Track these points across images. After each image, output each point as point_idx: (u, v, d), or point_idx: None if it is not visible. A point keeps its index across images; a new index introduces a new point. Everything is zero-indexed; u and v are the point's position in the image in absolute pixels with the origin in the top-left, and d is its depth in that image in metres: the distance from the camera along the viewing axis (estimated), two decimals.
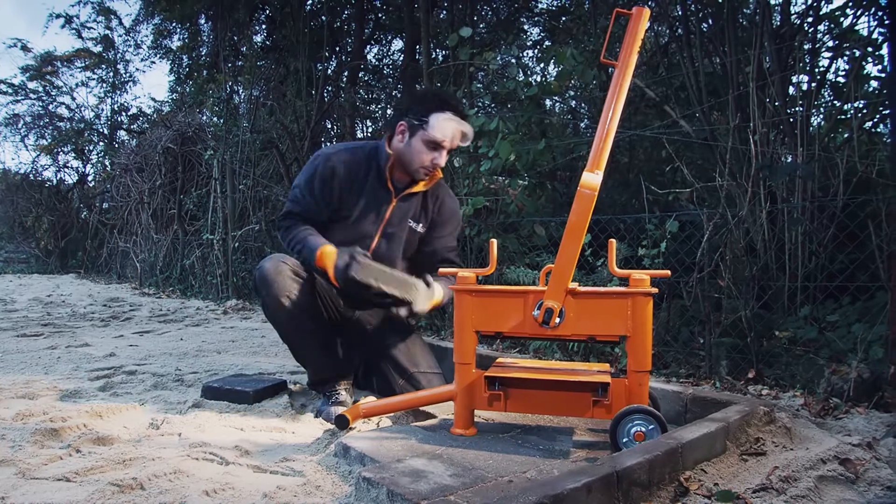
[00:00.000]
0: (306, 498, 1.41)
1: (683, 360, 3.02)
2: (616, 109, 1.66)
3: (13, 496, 1.40)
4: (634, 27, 1.68)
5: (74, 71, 12.21)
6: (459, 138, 2.17)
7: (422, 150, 2.15)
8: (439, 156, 2.17)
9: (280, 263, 2.10)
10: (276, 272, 2.08)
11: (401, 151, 2.19)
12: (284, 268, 2.10)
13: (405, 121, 2.19)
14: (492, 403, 1.70)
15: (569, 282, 1.65)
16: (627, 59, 1.67)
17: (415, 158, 2.17)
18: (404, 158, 2.19)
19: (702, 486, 1.32)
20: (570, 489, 1.08)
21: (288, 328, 2.14)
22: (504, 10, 7.18)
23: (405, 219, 2.28)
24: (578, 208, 1.65)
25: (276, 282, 2.07)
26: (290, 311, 2.07)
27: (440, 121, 2.12)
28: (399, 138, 2.21)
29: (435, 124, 2.12)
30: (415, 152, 2.16)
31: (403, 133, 2.19)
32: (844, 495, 1.34)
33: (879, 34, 3.41)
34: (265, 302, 2.12)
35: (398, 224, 2.26)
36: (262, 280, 2.08)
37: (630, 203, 4.69)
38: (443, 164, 2.21)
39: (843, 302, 2.80)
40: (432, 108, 2.14)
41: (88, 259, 10.53)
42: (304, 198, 2.23)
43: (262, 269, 2.10)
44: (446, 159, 2.22)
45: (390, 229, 2.26)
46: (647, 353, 1.61)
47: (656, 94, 4.21)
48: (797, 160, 3.09)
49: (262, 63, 7.92)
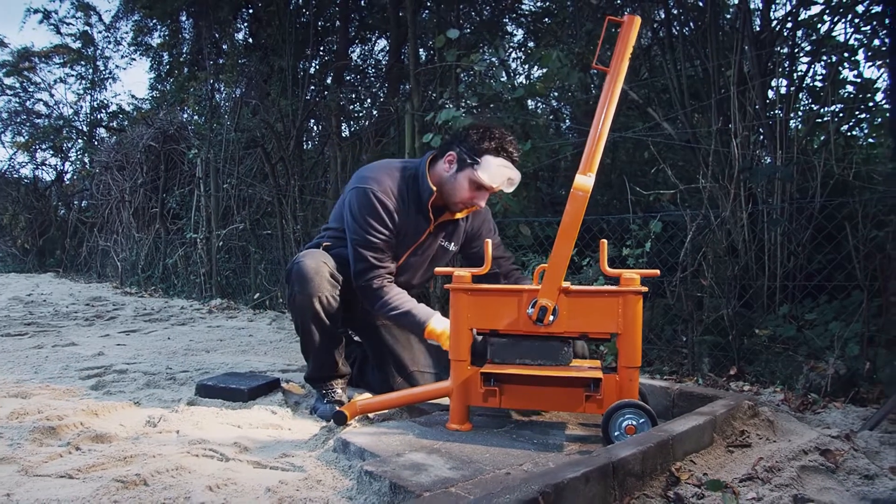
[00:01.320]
0: (308, 492, 1.45)
1: (667, 357, 3.10)
2: (608, 114, 1.71)
3: (18, 493, 1.41)
4: (626, 34, 1.73)
5: (53, 67, 12.07)
6: (506, 185, 2.14)
7: (465, 187, 2.13)
8: (481, 198, 2.15)
9: (321, 264, 2.10)
10: (316, 272, 2.08)
11: (444, 181, 2.17)
12: (324, 269, 2.10)
13: (456, 152, 2.15)
14: (487, 399, 1.75)
15: (562, 281, 1.70)
16: (619, 66, 1.73)
17: (457, 193, 2.15)
18: (445, 188, 2.17)
19: (692, 476, 1.38)
20: (569, 478, 1.13)
21: (309, 325, 2.12)
22: (487, 11, 7.24)
23: (437, 240, 2.30)
24: (571, 210, 1.70)
25: (313, 280, 2.07)
26: (317, 311, 2.09)
27: (493, 166, 2.08)
28: (446, 167, 2.17)
29: (486, 167, 2.08)
30: (458, 187, 2.14)
31: (452, 164, 2.16)
32: (825, 484, 1.41)
33: (855, 40, 3.52)
34: (295, 297, 2.11)
35: (429, 245, 2.29)
36: (300, 276, 2.08)
37: (612, 203, 4.77)
38: (482, 206, 2.19)
39: (821, 301, 2.88)
40: (488, 151, 2.10)
41: (67, 258, 10.40)
42: (385, 240, 2.15)
43: (302, 265, 2.09)
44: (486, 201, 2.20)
45: (420, 249, 2.28)
46: (638, 349, 1.67)
47: (639, 96, 4.29)
48: (776, 163, 3.18)
49: (243, 61, 7.89)
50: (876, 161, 3.30)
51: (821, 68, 3.78)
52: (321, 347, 2.15)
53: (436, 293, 4.28)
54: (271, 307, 5.51)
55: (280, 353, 3.41)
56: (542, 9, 7.02)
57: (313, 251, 2.18)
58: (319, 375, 2.20)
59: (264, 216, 6.43)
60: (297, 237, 5.58)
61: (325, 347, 2.15)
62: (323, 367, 2.18)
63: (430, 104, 4.78)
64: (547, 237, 3.73)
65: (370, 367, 2.50)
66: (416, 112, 4.26)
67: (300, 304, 2.10)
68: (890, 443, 1.66)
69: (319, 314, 2.09)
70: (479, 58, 3.93)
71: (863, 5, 3.51)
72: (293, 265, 2.13)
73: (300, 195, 5.64)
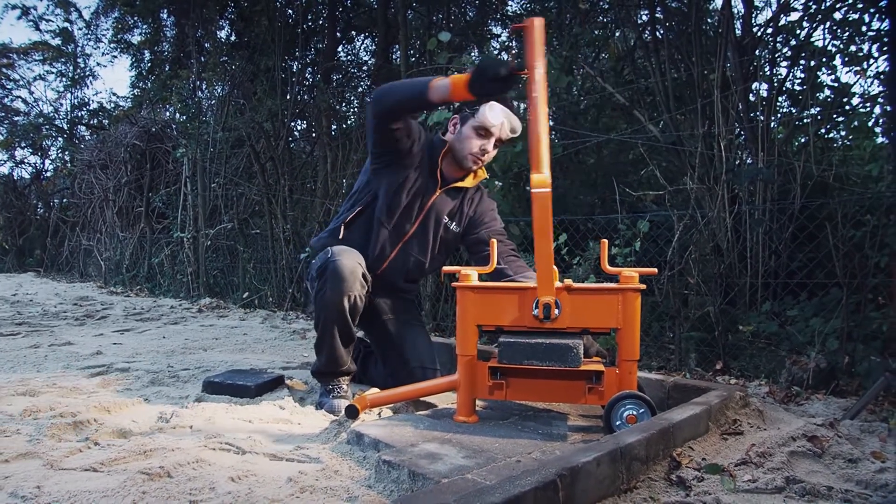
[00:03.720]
0: (328, 481, 1.51)
1: (655, 353, 3.21)
2: (542, 114, 1.79)
3: (47, 486, 1.46)
4: (532, 36, 1.82)
5: (32, 64, 11.93)
6: (508, 129, 2.30)
7: (471, 136, 2.29)
8: (488, 143, 2.30)
9: (357, 264, 2.14)
10: (351, 272, 2.11)
11: (452, 141, 2.34)
12: (359, 270, 2.15)
13: (458, 115, 2.35)
14: (493, 392, 1.83)
15: (553, 275, 1.78)
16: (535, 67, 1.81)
17: (464, 145, 2.30)
18: (455, 147, 2.33)
19: (692, 461, 1.47)
20: (583, 462, 1.21)
21: (332, 322, 2.16)
22: (472, 13, 7.32)
23: (442, 214, 2.39)
24: (539, 209, 1.76)
25: (347, 280, 2.10)
26: (344, 309, 2.13)
27: (489, 107, 2.26)
28: (452, 129, 2.37)
29: (484, 110, 2.26)
30: (465, 139, 2.30)
31: (456, 124, 2.36)
32: (813, 467, 1.52)
33: (833, 46, 3.66)
34: (325, 293, 2.12)
35: (434, 217, 2.38)
36: (334, 273, 2.10)
37: (596, 203, 4.88)
38: (491, 152, 2.33)
39: (802, 298, 3.00)
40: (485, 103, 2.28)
41: (48, 257, 10.29)
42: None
43: (338, 263, 2.12)
44: (494, 151, 2.34)
45: (427, 219, 2.37)
46: (636, 343, 1.76)
47: (623, 97, 4.40)
48: (758, 164, 3.30)
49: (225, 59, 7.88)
50: (853, 163, 3.44)
51: (800, 72, 3.93)
52: (336, 344, 2.19)
53: (427, 291, 4.36)
54: (261, 306, 5.54)
55: (277, 351, 3.46)
56: (528, 10, 7.11)
57: (347, 248, 2.21)
58: (328, 371, 2.24)
59: (252, 215, 6.45)
60: (287, 237, 5.62)
61: (339, 345, 2.20)
62: (333, 363, 2.23)
63: None
64: None
65: (373, 363, 2.56)
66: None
67: (329, 301, 2.12)
68: (870, 430, 1.77)
69: (345, 312, 2.14)
70: (470, 60, 4.01)
71: (840, 12, 3.65)
72: (328, 262, 2.13)
73: (289, 195, 5.68)
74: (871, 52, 3.46)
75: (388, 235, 2.35)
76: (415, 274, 2.46)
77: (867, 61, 3.51)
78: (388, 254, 2.37)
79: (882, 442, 1.68)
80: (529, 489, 1.11)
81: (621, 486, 1.31)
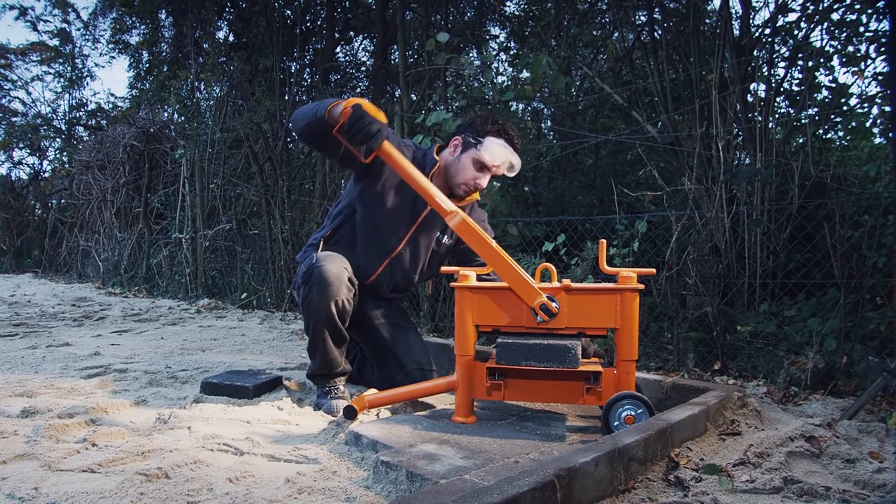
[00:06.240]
0: (326, 482, 1.51)
1: (653, 353, 3.21)
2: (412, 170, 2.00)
3: (45, 487, 1.46)
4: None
5: (30, 65, 11.91)
6: (507, 168, 2.26)
7: (469, 167, 2.25)
8: (483, 178, 2.26)
9: (342, 269, 2.14)
10: (337, 277, 2.12)
11: (449, 164, 2.30)
12: (345, 275, 2.15)
13: (461, 137, 2.29)
14: (491, 393, 1.83)
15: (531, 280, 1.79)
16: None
17: (460, 174, 2.26)
18: (450, 171, 2.29)
19: (690, 461, 1.47)
20: (581, 463, 1.21)
21: (321, 326, 2.17)
22: (471, 13, 7.33)
23: (434, 229, 2.37)
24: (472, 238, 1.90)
25: (332, 285, 2.11)
26: (332, 314, 2.13)
27: (494, 145, 2.22)
28: (451, 151, 2.31)
29: (488, 146, 2.22)
30: (462, 167, 2.26)
31: (456, 147, 2.30)
32: (810, 467, 1.52)
33: (830, 46, 3.66)
34: (311, 298, 2.13)
35: (426, 232, 2.36)
36: (320, 279, 2.11)
37: (594, 203, 4.89)
38: (484, 187, 2.30)
39: (800, 298, 3.00)
40: (490, 132, 2.24)
41: (46, 258, 10.28)
42: None
43: (323, 269, 2.12)
44: (487, 185, 2.32)
45: (418, 235, 2.34)
46: (635, 343, 1.76)
47: (621, 98, 4.40)
48: (756, 165, 3.31)
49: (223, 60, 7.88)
50: (851, 163, 3.44)
51: (798, 73, 3.93)
52: (328, 347, 2.19)
53: (425, 292, 4.35)
54: (259, 307, 5.54)
55: (275, 351, 3.46)
56: (526, 11, 7.13)
57: (333, 254, 2.21)
58: (323, 372, 2.25)
59: (251, 216, 6.45)
60: (285, 237, 5.62)
61: (332, 347, 2.20)
62: (328, 365, 2.24)
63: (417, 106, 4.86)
64: (535, 237, 3.82)
65: (369, 365, 2.56)
66: (406, 114, 4.32)
67: (316, 306, 2.13)
68: (867, 430, 1.77)
69: (333, 317, 2.14)
70: (469, 61, 4.01)
71: (838, 13, 3.66)
72: (313, 269, 2.14)
73: (288, 195, 5.68)
74: (869, 52, 3.47)
75: (373, 251, 2.34)
76: (402, 286, 2.46)
77: (865, 62, 3.51)
78: (374, 269, 2.35)
79: (880, 442, 1.69)
80: (527, 490, 1.11)
81: (619, 487, 1.31)
